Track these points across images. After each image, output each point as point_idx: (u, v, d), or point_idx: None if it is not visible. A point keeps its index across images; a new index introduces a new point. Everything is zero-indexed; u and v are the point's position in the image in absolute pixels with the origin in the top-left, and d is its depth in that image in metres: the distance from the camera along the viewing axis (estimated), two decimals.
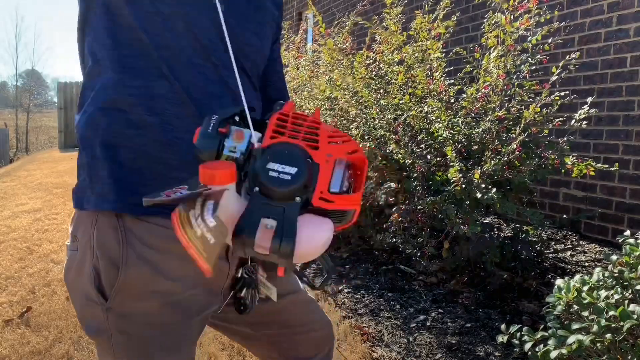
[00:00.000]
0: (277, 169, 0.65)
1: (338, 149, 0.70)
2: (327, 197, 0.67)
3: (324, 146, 0.69)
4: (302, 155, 0.67)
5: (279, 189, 0.65)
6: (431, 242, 2.69)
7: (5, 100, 36.72)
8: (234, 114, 0.71)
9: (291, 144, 0.68)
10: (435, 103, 2.70)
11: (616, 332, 1.16)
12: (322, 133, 0.70)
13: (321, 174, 0.67)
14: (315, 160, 0.68)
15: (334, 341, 1.17)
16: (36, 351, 2.22)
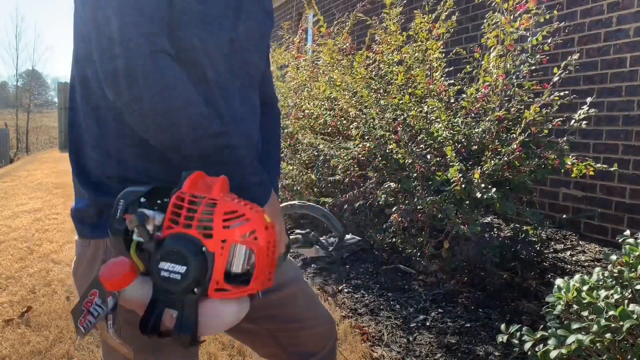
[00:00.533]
0: (167, 269, 0.67)
1: (233, 234, 0.68)
2: (222, 287, 0.68)
3: (218, 232, 0.68)
4: (193, 250, 0.67)
5: (171, 288, 0.67)
6: (431, 242, 2.69)
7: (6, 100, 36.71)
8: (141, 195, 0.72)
9: (183, 238, 0.68)
10: (435, 103, 2.70)
11: (616, 332, 1.17)
12: (217, 216, 0.68)
13: (217, 264, 0.67)
14: (210, 249, 0.67)
15: (337, 339, 1.17)
16: (36, 351, 2.23)
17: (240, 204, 0.70)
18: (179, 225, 0.69)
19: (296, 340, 1.09)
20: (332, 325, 1.14)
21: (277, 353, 1.11)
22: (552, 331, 1.26)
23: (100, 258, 0.84)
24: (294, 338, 1.09)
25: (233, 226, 0.68)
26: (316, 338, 1.11)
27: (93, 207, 0.85)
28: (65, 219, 4.76)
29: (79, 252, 0.89)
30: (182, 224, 0.69)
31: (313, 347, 1.11)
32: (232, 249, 0.68)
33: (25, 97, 22.80)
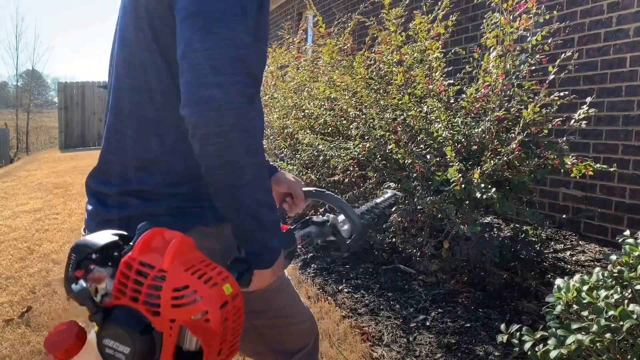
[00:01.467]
0: (112, 346, 0.62)
1: (182, 313, 0.61)
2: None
3: (166, 310, 0.61)
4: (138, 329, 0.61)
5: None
6: (431, 242, 2.69)
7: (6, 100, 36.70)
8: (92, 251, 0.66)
9: (129, 314, 0.62)
10: (435, 103, 2.70)
11: (616, 332, 1.17)
12: (165, 292, 0.61)
13: (165, 344, 0.61)
14: (158, 328, 0.61)
15: (319, 335, 1.19)
16: (36, 351, 2.23)
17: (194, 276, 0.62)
18: (126, 296, 0.62)
19: (281, 337, 1.10)
20: (314, 322, 1.16)
21: (262, 351, 1.12)
22: (552, 331, 1.27)
23: None
24: (279, 335, 1.09)
25: (184, 305, 0.61)
26: (301, 334, 1.12)
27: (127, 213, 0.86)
28: (66, 218, 4.76)
29: None
30: (129, 296, 0.62)
31: (297, 343, 1.12)
32: (183, 328, 0.62)
33: (25, 97, 22.78)
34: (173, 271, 0.61)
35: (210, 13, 0.74)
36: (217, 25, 0.73)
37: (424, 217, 2.67)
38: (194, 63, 0.73)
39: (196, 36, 0.74)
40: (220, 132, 0.73)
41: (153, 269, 0.62)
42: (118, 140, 0.88)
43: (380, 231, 3.01)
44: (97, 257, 0.66)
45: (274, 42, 5.81)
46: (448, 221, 2.48)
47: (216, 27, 0.73)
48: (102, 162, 0.91)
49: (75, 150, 12.78)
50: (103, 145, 0.91)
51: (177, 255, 0.62)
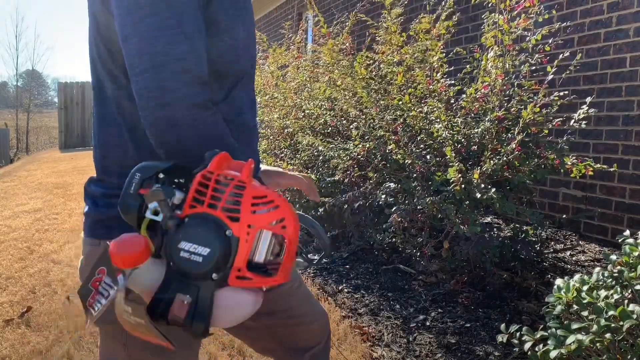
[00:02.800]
0: (188, 249, 0.62)
1: (261, 219, 0.63)
2: (244, 275, 0.63)
3: (245, 216, 0.63)
4: (217, 232, 0.62)
5: (189, 271, 0.63)
6: (431, 242, 2.69)
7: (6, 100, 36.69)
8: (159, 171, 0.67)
9: (208, 218, 0.63)
10: (435, 103, 2.70)
11: (616, 332, 1.17)
12: (246, 200, 0.63)
13: (240, 250, 0.63)
14: (235, 233, 0.63)
15: (331, 334, 1.19)
16: (36, 351, 2.23)
17: (269, 190, 0.65)
18: (202, 205, 0.64)
19: (293, 336, 1.10)
20: (327, 320, 1.15)
21: (273, 348, 1.12)
22: (552, 331, 1.27)
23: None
24: (291, 334, 1.10)
25: (261, 212, 0.63)
26: (312, 333, 1.12)
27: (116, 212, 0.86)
28: (66, 219, 4.76)
29: (87, 252, 0.89)
30: (207, 204, 0.64)
31: (309, 342, 1.12)
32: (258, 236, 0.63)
33: (25, 97, 22.80)
34: (250, 183, 0.64)
35: (144, 32, 0.73)
36: (152, 44, 0.73)
37: (424, 217, 2.67)
38: (138, 87, 0.74)
39: (135, 59, 0.74)
40: (181, 149, 0.74)
41: (232, 180, 0.64)
42: (101, 145, 0.89)
43: (380, 231, 3.01)
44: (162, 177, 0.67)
45: (273, 42, 5.81)
46: (448, 221, 2.48)
47: (152, 47, 0.73)
48: (94, 164, 0.93)
49: (75, 150, 12.78)
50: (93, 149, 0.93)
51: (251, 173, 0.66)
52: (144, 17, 0.73)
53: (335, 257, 3.25)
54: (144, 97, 0.73)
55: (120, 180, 0.86)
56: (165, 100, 0.72)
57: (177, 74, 0.73)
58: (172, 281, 0.64)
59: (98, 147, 0.90)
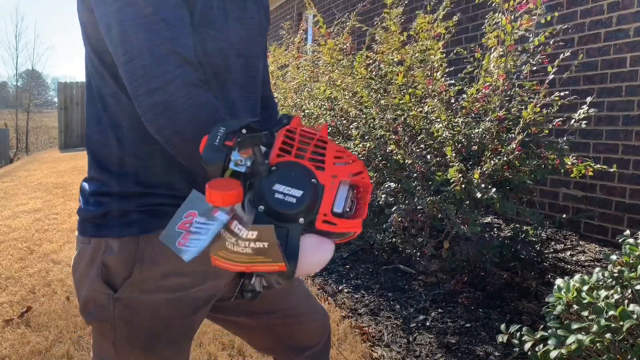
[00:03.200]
0: (282, 191, 0.65)
1: (343, 170, 0.69)
2: (330, 220, 0.67)
3: (329, 167, 0.68)
4: (307, 177, 0.67)
5: (284, 211, 0.65)
6: (431, 242, 2.69)
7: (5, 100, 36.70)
8: (242, 126, 0.70)
9: (297, 164, 0.67)
10: (435, 103, 2.70)
11: (616, 332, 1.17)
12: (329, 153, 0.69)
13: (325, 196, 0.67)
14: (321, 181, 0.67)
15: (331, 332, 1.19)
16: (36, 351, 2.23)
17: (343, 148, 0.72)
18: (290, 154, 0.68)
19: (293, 334, 1.10)
20: (327, 319, 1.16)
21: (273, 347, 1.13)
22: (552, 331, 1.26)
23: (99, 257, 0.84)
24: (291, 332, 1.10)
25: (344, 164, 0.69)
26: (312, 332, 1.12)
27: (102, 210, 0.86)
28: (65, 219, 4.76)
29: (79, 250, 0.90)
30: (294, 154, 0.68)
31: (309, 341, 1.12)
32: (339, 187, 0.68)
33: (25, 97, 22.80)
34: (330, 141, 0.71)
35: (124, 21, 0.73)
36: (133, 32, 0.72)
37: (424, 217, 2.67)
38: (126, 77, 0.74)
39: (119, 49, 0.74)
40: (177, 131, 0.73)
41: (314, 135, 0.70)
42: (89, 143, 0.89)
43: (380, 231, 3.01)
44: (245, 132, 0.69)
45: (273, 42, 5.81)
46: (448, 221, 2.48)
47: (133, 35, 0.72)
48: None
49: (75, 150, 12.78)
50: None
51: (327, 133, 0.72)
52: (122, 7, 0.73)
53: (335, 257, 3.25)
54: (133, 85, 0.73)
55: (107, 178, 0.86)
56: (153, 85, 0.72)
57: (162, 57, 0.72)
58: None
59: (88, 145, 0.90)
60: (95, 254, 0.85)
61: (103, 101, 0.85)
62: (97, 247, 0.85)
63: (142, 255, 0.83)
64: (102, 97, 0.85)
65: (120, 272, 0.83)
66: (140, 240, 0.83)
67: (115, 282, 0.84)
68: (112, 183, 0.85)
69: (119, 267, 0.83)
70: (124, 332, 0.86)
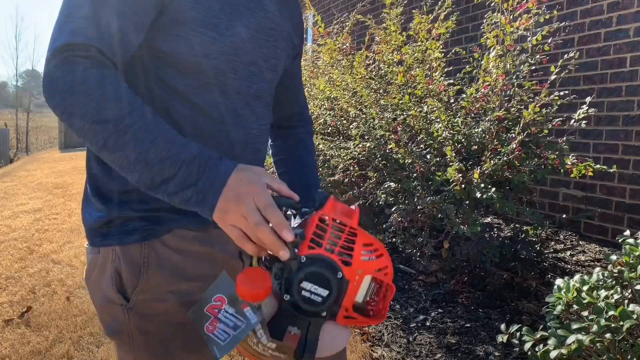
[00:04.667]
0: (309, 289, 0.68)
1: (369, 266, 0.70)
2: (351, 315, 0.70)
3: (357, 262, 0.69)
4: (334, 276, 0.68)
5: (308, 308, 0.68)
6: (431, 242, 2.69)
7: (5, 100, 36.71)
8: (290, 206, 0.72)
9: (326, 260, 0.68)
10: (435, 103, 2.70)
11: (616, 332, 1.16)
12: (357, 246, 0.69)
13: (349, 292, 0.69)
14: (347, 276, 0.69)
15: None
16: (36, 351, 2.22)
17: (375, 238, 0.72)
18: (321, 247, 0.68)
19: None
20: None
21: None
22: (552, 331, 1.26)
23: (111, 267, 0.83)
24: None
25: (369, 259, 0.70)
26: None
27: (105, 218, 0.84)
28: (65, 219, 4.76)
29: (90, 260, 0.88)
30: (325, 247, 0.68)
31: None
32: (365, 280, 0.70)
33: (25, 97, 22.81)
34: (360, 231, 0.70)
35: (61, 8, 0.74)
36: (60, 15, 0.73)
37: (424, 217, 2.67)
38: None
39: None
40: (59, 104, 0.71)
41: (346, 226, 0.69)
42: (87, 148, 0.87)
43: (380, 231, 3.01)
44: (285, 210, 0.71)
45: None
46: (448, 221, 2.48)
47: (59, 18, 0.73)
48: None
49: (75, 150, 12.78)
50: None
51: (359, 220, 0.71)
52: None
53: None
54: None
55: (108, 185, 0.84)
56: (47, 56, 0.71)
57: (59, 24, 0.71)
58: (285, 314, 0.69)
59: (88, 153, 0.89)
60: (105, 263, 0.84)
61: None
62: (106, 256, 0.83)
63: (147, 262, 0.82)
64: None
65: (130, 281, 0.82)
66: (144, 247, 0.82)
67: (127, 291, 0.83)
68: (113, 190, 0.84)
69: (128, 276, 0.82)
70: (142, 342, 0.84)
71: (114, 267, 0.83)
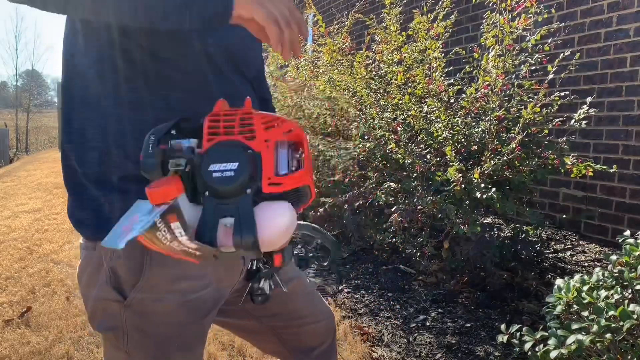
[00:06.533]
0: (219, 169, 0.67)
1: (275, 133, 0.70)
2: (276, 181, 0.68)
3: (260, 133, 0.70)
4: (240, 149, 0.68)
5: (225, 187, 0.66)
6: (431, 242, 2.69)
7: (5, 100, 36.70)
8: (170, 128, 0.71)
9: (228, 141, 0.69)
10: (435, 103, 2.70)
11: (616, 332, 1.16)
12: (257, 121, 0.71)
13: (264, 161, 0.68)
14: (256, 149, 0.69)
15: (335, 330, 1.18)
16: (36, 351, 2.22)
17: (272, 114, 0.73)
18: (219, 135, 0.69)
19: (297, 336, 1.10)
20: (332, 319, 1.15)
21: (279, 349, 1.13)
22: (552, 331, 1.26)
23: (107, 263, 0.82)
24: (295, 334, 1.10)
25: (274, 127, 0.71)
26: (317, 333, 1.12)
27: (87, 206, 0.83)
28: (65, 219, 4.75)
29: (84, 257, 0.87)
30: (223, 132, 0.69)
31: (314, 342, 1.12)
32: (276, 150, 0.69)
33: (25, 97, 22.79)
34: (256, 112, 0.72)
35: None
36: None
37: (424, 217, 2.66)
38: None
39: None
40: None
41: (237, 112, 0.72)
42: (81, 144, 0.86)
43: (380, 231, 3.01)
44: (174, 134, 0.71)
45: None
46: (448, 221, 2.48)
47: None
48: None
49: None
50: None
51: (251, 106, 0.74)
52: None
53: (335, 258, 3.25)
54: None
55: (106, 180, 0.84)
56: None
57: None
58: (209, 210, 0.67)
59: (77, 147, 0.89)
60: (101, 259, 0.82)
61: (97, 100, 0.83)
62: (104, 253, 0.82)
63: (149, 259, 0.80)
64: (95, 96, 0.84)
65: (129, 278, 0.81)
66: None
67: (124, 289, 0.82)
68: (113, 184, 0.84)
69: (127, 273, 0.81)
70: (136, 340, 0.83)
71: (110, 265, 0.81)
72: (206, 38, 0.83)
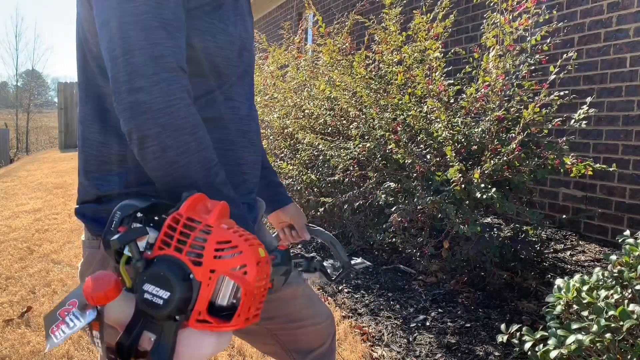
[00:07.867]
0: (151, 291, 0.65)
1: (223, 265, 0.65)
2: (205, 319, 0.65)
3: (208, 261, 0.65)
4: (179, 276, 0.65)
5: (151, 312, 0.65)
6: (431, 242, 2.69)
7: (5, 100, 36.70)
8: (137, 210, 0.70)
9: (172, 261, 0.66)
10: (435, 103, 2.70)
11: (616, 332, 1.17)
12: (210, 244, 0.66)
13: (201, 294, 0.65)
14: (197, 277, 0.65)
15: (336, 333, 1.18)
16: (36, 351, 2.23)
17: (236, 234, 0.67)
18: (170, 247, 0.66)
19: (295, 338, 1.10)
20: (331, 321, 1.15)
21: (277, 351, 1.12)
22: (552, 331, 1.26)
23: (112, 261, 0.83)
24: (294, 336, 1.10)
25: (224, 257, 0.65)
26: (315, 335, 1.12)
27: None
28: (65, 219, 4.76)
29: (87, 255, 0.87)
30: (174, 247, 0.66)
31: (313, 344, 1.12)
32: (220, 281, 0.65)
33: (25, 97, 22.79)
34: (218, 227, 0.67)
35: (120, 17, 0.72)
36: (127, 29, 0.72)
37: (424, 217, 2.67)
38: (114, 72, 0.73)
39: (110, 44, 0.73)
40: (151, 135, 0.72)
41: (199, 224, 0.67)
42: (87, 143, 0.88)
43: (380, 231, 3.01)
44: (140, 216, 0.70)
45: (273, 42, 5.82)
46: (448, 221, 2.48)
47: (126, 31, 0.72)
48: None
49: (75, 150, 12.77)
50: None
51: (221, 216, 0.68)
52: (121, 2, 0.73)
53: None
54: (118, 81, 0.72)
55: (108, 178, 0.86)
56: (137, 84, 0.71)
57: (151, 59, 0.72)
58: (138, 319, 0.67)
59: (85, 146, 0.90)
60: (106, 257, 0.83)
61: (103, 100, 0.85)
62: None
63: None
64: (102, 97, 0.85)
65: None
66: None
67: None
68: (114, 183, 0.84)
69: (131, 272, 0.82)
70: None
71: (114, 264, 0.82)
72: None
